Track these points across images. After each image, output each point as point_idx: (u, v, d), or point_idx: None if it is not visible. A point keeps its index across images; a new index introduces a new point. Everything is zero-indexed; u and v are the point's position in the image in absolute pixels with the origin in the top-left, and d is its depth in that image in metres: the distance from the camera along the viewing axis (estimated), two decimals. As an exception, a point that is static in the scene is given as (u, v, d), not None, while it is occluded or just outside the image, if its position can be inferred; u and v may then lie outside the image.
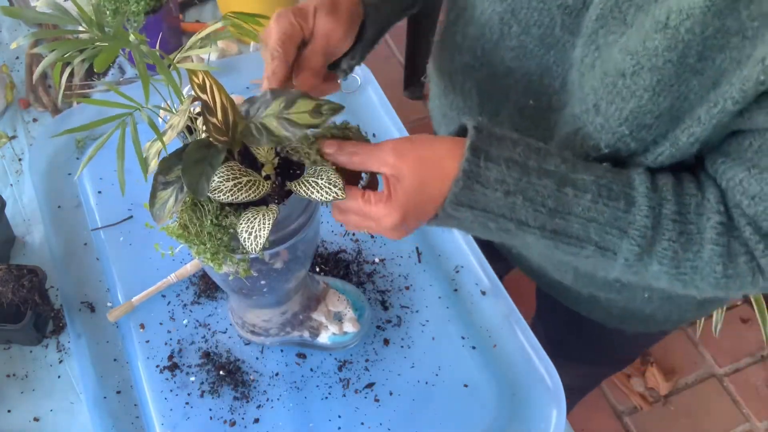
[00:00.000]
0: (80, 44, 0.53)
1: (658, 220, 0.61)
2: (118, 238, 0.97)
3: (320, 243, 0.97)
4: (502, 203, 0.60)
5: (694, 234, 0.62)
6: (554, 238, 0.62)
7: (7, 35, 1.27)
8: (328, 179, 0.60)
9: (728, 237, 0.61)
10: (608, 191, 0.61)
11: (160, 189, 0.59)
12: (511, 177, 0.60)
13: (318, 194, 0.60)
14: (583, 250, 0.63)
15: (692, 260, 0.62)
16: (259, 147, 0.62)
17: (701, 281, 0.63)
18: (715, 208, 0.62)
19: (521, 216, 0.61)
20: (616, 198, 0.61)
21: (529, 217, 0.61)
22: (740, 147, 0.60)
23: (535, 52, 0.70)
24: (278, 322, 0.83)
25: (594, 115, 0.64)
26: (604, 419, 1.80)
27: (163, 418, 0.82)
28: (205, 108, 0.58)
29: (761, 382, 1.86)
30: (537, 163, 0.61)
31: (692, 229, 0.62)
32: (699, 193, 0.63)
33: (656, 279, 0.64)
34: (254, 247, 0.58)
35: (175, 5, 1.18)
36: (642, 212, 0.61)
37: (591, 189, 0.61)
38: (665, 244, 0.61)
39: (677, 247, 0.61)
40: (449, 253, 0.97)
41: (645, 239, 0.61)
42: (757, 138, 0.59)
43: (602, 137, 0.64)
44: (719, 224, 0.61)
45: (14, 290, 0.86)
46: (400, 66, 2.47)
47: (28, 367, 0.88)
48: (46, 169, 1.03)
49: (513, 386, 0.86)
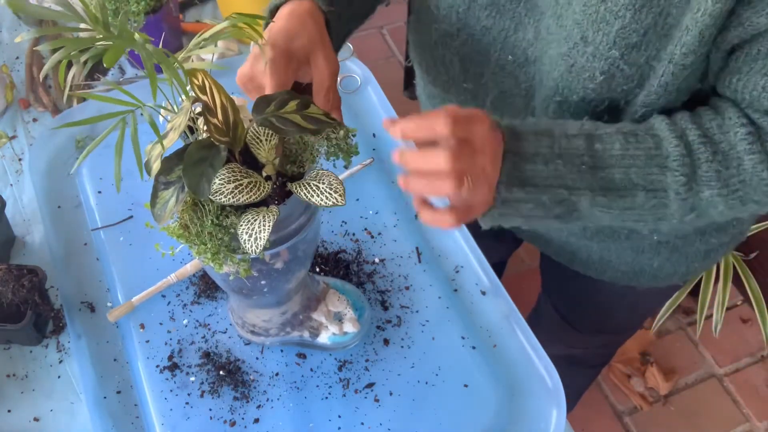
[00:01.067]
0: (86, 43, 0.53)
1: (689, 146, 0.64)
2: (118, 238, 0.97)
3: (320, 243, 0.97)
4: (546, 173, 0.63)
5: (728, 150, 0.64)
6: (606, 194, 0.64)
7: (8, 35, 1.27)
8: (329, 184, 0.60)
9: (761, 143, 0.64)
10: (634, 136, 0.64)
11: (161, 189, 0.60)
12: (543, 147, 0.63)
13: (318, 198, 0.60)
14: (636, 199, 0.65)
15: (737, 175, 0.64)
16: (261, 148, 0.62)
17: (755, 193, 0.65)
18: (739, 122, 0.64)
19: (567, 180, 0.63)
20: (643, 140, 0.64)
21: (576, 178, 0.63)
22: (749, 58, 0.63)
23: (508, 6, 0.73)
24: (278, 322, 0.83)
25: (584, 47, 0.66)
26: (604, 419, 1.80)
27: (163, 418, 0.82)
28: (205, 109, 0.58)
29: (761, 382, 1.86)
30: (561, 129, 0.64)
31: (724, 147, 0.64)
32: (717, 116, 0.65)
33: (714, 207, 0.66)
34: (254, 249, 0.58)
35: (175, 5, 1.17)
36: (672, 144, 0.64)
37: (618, 139, 0.64)
38: (705, 167, 0.64)
39: (717, 166, 0.64)
40: (449, 253, 0.97)
41: (685, 166, 0.63)
42: (763, 43, 0.61)
43: (596, 65, 0.67)
44: (748, 134, 0.63)
45: (14, 290, 0.86)
46: (400, 66, 2.47)
47: (28, 367, 0.88)
48: (46, 169, 1.03)
49: (513, 386, 0.86)
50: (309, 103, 0.63)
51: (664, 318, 1.76)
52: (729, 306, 1.87)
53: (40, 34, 0.53)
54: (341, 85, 1.15)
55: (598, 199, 0.64)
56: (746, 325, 1.95)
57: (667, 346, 1.91)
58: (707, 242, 0.88)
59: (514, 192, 0.63)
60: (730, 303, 1.86)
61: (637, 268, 0.92)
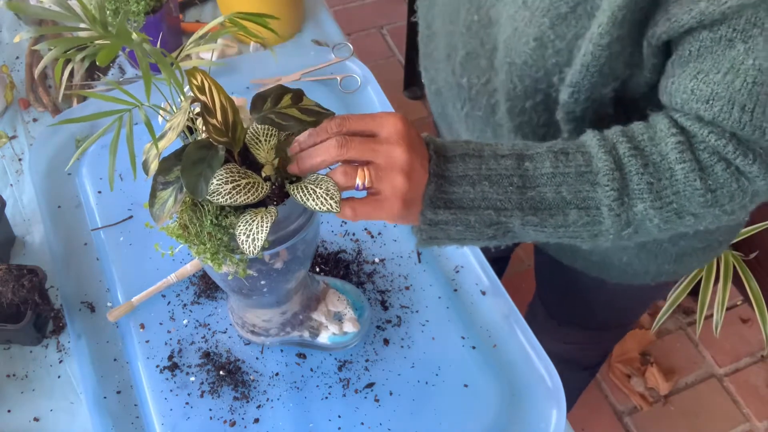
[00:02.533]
0: (80, 42, 0.53)
1: (619, 160, 0.64)
2: (118, 238, 0.97)
3: (320, 243, 0.97)
4: (472, 195, 0.63)
5: (659, 162, 0.64)
6: (536, 214, 0.64)
7: (8, 35, 1.27)
8: (326, 189, 0.60)
9: (692, 151, 0.63)
10: (564, 155, 0.64)
11: (160, 189, 0.59)
12: (470, 169, 0.63)
13: (313, 202, 0.60)
14: (568, 216, 0.64)
15: (670, 186, 0.63)
16: (260, 148, 0.62)
17: (690, 204, 0.64)
18: (669, 132, 0.64)
19: (495, 202, 0.63)
20: (573, 157, 0.64)
21: (504, 199, 0.63)
22: (681, 60, 0.63)
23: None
24: (278, 322, 0.83)
25: (523, 11, 0.68)
26: (604, 419, 1.80)
27: (163, 418, 0.82)
28: (204, 109, 0.58)
29: (761, 382, 1.86)
30: (491, 151, 0.65)
31: (655, 158, 0.64)
32: (649, 129, 0.65)
33: (650, 221, 0.65)
34: (252, 250, 0.58)
35: (175, 5, 1.17)
36: (601, 159, 0.63)
37: (548, 156, 0.64)
38: (636, 179, 0.63)
39: (649, 178, 0.63)
40: (449, 253, 0.97)
41: (615, 180, 0.63)
42: (693, 43, 0.61)
43: (530, 31, 0.68)
44: (678, 143, 0.63)
45: (14, 290, 0.86)
46: (400, 66, 2.48)
47: (28, 367, 0.88)
48: (46, 169, 1.03)
49: (513, 386, 0.86)
50: (302, 95, 0.63)
51: (664, 318, 1.76)
52: (729, 306, 1.88)
53: (39, 33, 0.53)
54: (341, 85, 1.15)
55: (528, 218, 0.64)
56: (746, 325, 1.95)
57: (667, 346, 1.91)
58: (676, 244, 0.88)
59: (440, 214, 0.63)
60: (730, 303, 1.86)
61: (607, 260, 0.93)
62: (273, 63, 1.15)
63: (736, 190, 0.63)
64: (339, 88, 1.15)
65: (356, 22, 2.62)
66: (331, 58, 1.18)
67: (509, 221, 0.64)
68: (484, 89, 0.81)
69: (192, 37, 0.63)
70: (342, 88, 1.15)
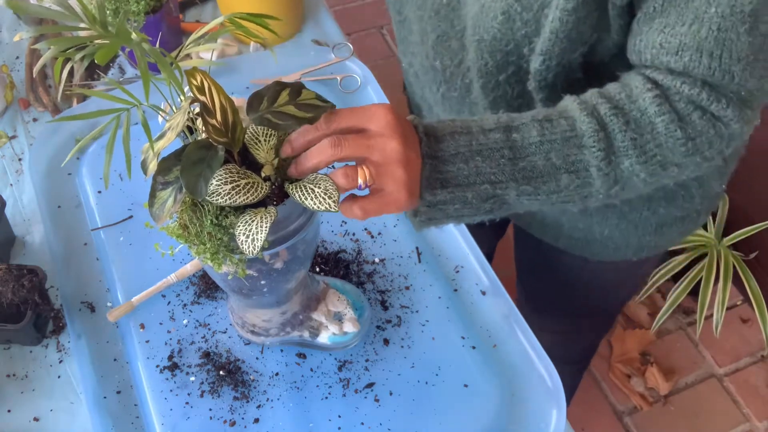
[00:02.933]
0: (79, 41, 0.53)
1: (601, 121, 0.66)
2: (118, 238, 0.97)
3: (320, 243, 0.97)
4: (467, 171, 0.64)
5: (640, 117, 0.66)
6: (530, 183, 0.66)
7: (7, 35, 1.27)
8: (324, 189, 0.60)
9: (670, 103, 0.65)
10: (548, 121, 0.66)
11: (159, 189, 0.59)
12: (462, 146, 0.64)
13: (311, 202, 0.60)
14: (560, 182, 0.66)
15: (653, 140, 0.66)
16: (259, 148, 0.62)
17: (673, 155, 0.66)
18: (645, 87, 0.66)
19: (490, 175, 0.65)
20: (558, 123, 0.66)
21: (496, 172, 0.65)
22: (647, 18, 0.65)
23: None
24: (278, 322, 0.83)
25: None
26: (604, 419, 1.80)
27: (163, 418, 0.82)
28: (204, 109, 0.58)
29: (761, 382, 1.86)
30: (478, 126, 0.66)
31: (635, 115, 0.66)
32: (625, 88, 0.68)
33: (637, 176, 0.67)
34: (251, 250, 0.58)
35: (175, 5, 1.17)
36: (584, 122, 0.65)
37: (534, 125, 0.66)
38: (620, 137, 0.65)
39: (632, 134, 0.65)
40: (449, 253, 0.97)
41: (601, 141, 0.65)
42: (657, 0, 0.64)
43: (497, 5, 0.71)
44: (656, 97, 0.65)
45: (14, 290, 0.86)
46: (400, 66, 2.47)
47: (28, 367, 0.88)
48: (46, 169, 1.03)
49: (513, 386, 0.86)
50: (300, 89, 0.62)
51: (664, 318, 1.76)
52: (729, 306, 1.87)
53: (38, 33, 0.53)
54: (341, 85, 1.15)
55: (523, 188, 0.66)
56: (746, 325, 1.95)
57: (667, 346, 1.91)
58: (656, 212, 0.89)
59: (438, 194, 0.64)
60: (730, 303, 1.85)
61: (589, 236, 0.94)
62: (273, 63, 1.15)
63: (714, 136, 0.66)
64: (339, 88, 1.15)
65: (356, 22, 2.61)
66: (331, 58, 1.18)
67: (505, 193, 0.66)
68: (458, 70, 0.82)
69: (191, 37, 0.63)
70: (342, 88, 1.15)
